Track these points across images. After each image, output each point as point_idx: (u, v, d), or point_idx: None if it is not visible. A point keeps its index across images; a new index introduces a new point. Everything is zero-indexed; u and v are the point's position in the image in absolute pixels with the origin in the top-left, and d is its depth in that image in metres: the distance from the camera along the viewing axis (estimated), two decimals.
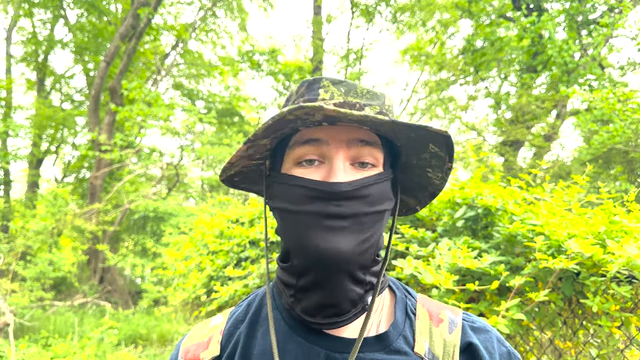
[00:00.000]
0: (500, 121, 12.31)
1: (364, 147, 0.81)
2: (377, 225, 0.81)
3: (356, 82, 0.83)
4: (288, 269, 0.86)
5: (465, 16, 12.82)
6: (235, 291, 3.22)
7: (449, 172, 0.87)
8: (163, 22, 16.34)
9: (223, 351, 0.90)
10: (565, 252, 1.94)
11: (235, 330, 0.92)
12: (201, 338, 0.94)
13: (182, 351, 0.94)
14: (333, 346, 0.82)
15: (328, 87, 0.81)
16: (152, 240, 13.05)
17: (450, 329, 0.83)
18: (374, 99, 0.82)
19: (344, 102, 0.80)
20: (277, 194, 0.86)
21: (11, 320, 7.56)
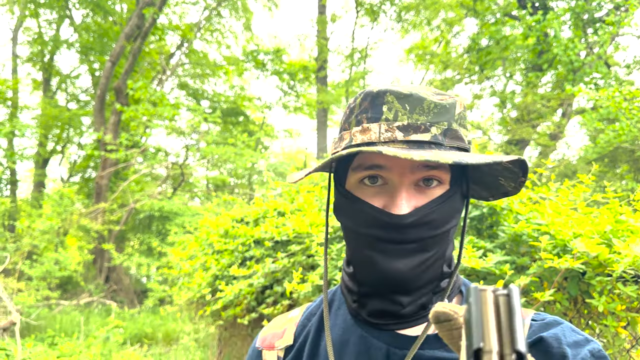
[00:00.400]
0: (506, 120, 12.27)
1: (428, 171, 0.80)
2: (443, 242, 0.82)
3: (423, 95, 0.79)
4: (351, 275, 0.89)
5: (470, 15, 12.78)
6: (240, 290, 3.23)
7: (522, 184, 0.86)
8: (168, 22, 16.39)
9: (295, 341, 0.95)
10: (571, 252, 1.93)
11: (308, 322, 0.97)
12: (278, 328, 1.00)
13: (259, 339, 1.01)
14: (394, 342, 0.84)
15: (392, 104, 0.78)
16: (158, 239, 13.08)
17: None
18: (442, 113, 0.78)
19: (409, 124, 0.76)
20: (343, 209, 0.87)
21: (17, 319, 7.60)
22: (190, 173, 16.63)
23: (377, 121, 0.78)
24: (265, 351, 0.98)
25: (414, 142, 0.76)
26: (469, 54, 12.98)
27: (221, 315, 3.72)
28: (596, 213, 2.34)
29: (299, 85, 18.61)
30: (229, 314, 3.51)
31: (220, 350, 4.59)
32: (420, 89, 0.80)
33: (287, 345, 0.95)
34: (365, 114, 0.80)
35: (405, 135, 0.76)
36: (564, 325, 0.81)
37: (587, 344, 0.76)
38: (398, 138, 0.76)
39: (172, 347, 7.94)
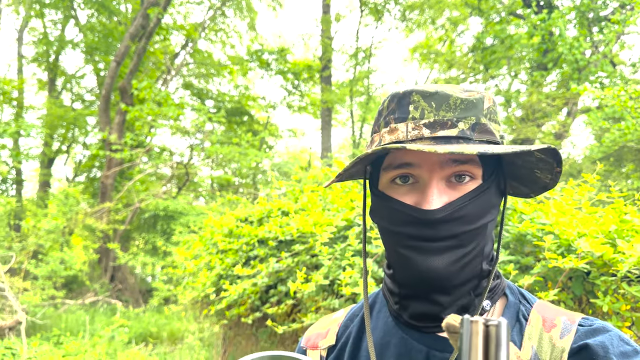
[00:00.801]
0: (511, 119, 12.24)
1: (458, 166, 0.79)
2: (480, 237, 0.81)
3: (449, 91, 0.79)
4: (391, 277, 0.90)
5: (475, 14, 12.76)
6: (244, 290, 3.23)
7: (558, 174, 0.84)
8: (173, 22, 16.42)
9: (338, 341, 0.97)
10: (575, 252, 1.92)
11: (351, 323, 0.99)
12: (322, 329, 1.02)
13: (304, 339, 1.03)
14: (434, 344, 0.83)
15: (418, 103, 0.78)
16: (163, 239, 13.12)
17: (562, 334, 0.79)
18: (470, 108, 0.78)
19: (435, 121, 0.77)
20: (377, 210, 0.88)
21: (23, 318, 7.63)
22: (195, 172, 16.66)
23: (404, 121, 0.79)
24: (309, 350, 1.00)
25: (441, 138, 0.76)
26: (473, 53, 12.95)
27: (225, 315, 3.73)
28: (601, 213, 2.33)
29: (303, 85, 18.61)
30: (233, 314, 3.52)
31: (224, 349, 4.60)
32: (447, 87, 0.80)
33: (330, 345, 0.97)
34: (392, 115, 0.81)
35: (432, 132, 0.77)
36: (612, 332, 0.77)
37: (635, 356, 0.73)
38: (425, 135, 0.77)
39: (177, 346, 7.96)
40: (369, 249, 2.50)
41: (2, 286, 8.16)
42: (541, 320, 0.82)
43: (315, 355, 0.98)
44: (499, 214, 0.88)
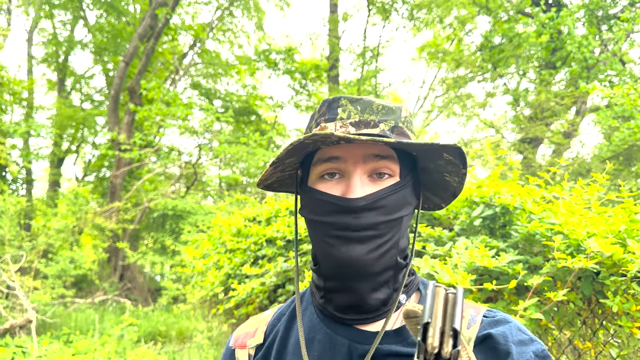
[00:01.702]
0: (519, 118, 12.19)
1: (379, 161, 0.89)
2: (395, 229, 0.89)
3: (373, 99, 0.90)
4: (317, 272, 0.96)
5: (483, 12, 12.70)
6: (252, 289, 3.24)
7: (464, 177, 0.95)
8: (181, 22, 16.48)
9: (265, 340, 1.02)
10: (585, 252, 1.92)
11: (278, 322, 1.04)
12: (250, 328, 1.07)
13: (233, 338, 1.08)
14: (356, 337, 0.90)
15: (346, 106, 0.88)
16: (171, 238, 13.17)
17: (469, 325, 0.88)
18: (390, 113, 0.89)
19: (360, 120, 0.87)
20: (306, 205, 0.96)
21: (33, 317, 7.69)
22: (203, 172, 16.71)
23: (333, 121, 0.89)
24: (237, 350, 1.04)
25: (364, 135, 0.85)
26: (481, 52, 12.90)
27: (234, 314, 3.74)
28: (610, 212, 2.32)
29: (311, 84, 18.61)
30: (241, 313, 3.53)
31: None
32: (371, 96, 0.92)
33: (258, 344, 1.02)
34: (323, 116, 0.91)
35: (357, 130, 0.86)
36: (511, 324, 0.87)
37: (531, 344, 0.83)
38: (351, 132, 0.86)
39: (186, 345, 8.00)
40: None
41: (13, 285, 8.23)
42: None
43: (243, 354, 1.02)
44: (413, 218, 0.97)
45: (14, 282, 8.26)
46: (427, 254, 2.26)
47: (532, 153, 11.36)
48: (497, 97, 14.13)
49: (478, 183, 2.61)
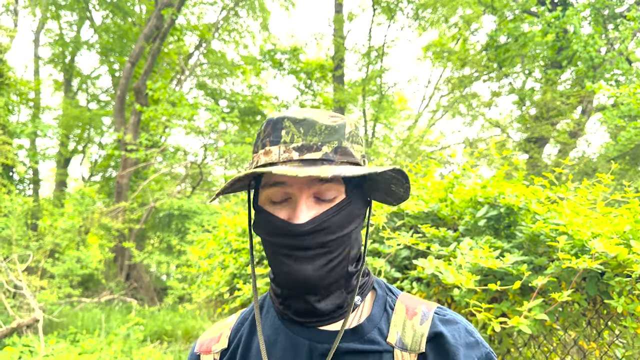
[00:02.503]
0: (525, 118, 12.15)
1: (323, 184, 0.91)
2: (345, 244, 0.93)
3: (316, 120, 0.90)
4: (274, 281, 1.01)
5: (489, 12, 12.67)
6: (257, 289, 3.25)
7: (408, 189, 0.99)
8: (186, 23, 16.52)
9: (230, 344, 1.06)
10: (589, 252, 1.92)
11: (241, 326, 1.08)
12: (215, 333, 1.10)
13: (198, 344, 1.11)
14: (316, 337, 0.95)
15: (289, 128, 0.89)
16: (177, 237, 13.21)
17: (421, 320, 0.94)
18: (333, 133, 0.89)
19: (303, 145, 0.88)
20: (258, 222, 0.98)
21: (40, 316, 7.74)
22: (209, 172, 16.75)
23: (277, 144, 0.90)
24: (202, 355, 1.07)
25: (307, 161, 0.87)
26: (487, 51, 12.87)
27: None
28: (615, 213, 2.32)
29: (316, 84, 18.62)
30: None
31: None
32: (315, 113, 0.92)
33: (223, 349, 1.05)
34: (268, 138, 0.92)
35: (300, 155, 0.87)
36: (460, 325, 0.94)
37: (477, 348, 0.91)
38: (294, 158, 0.87)
39: (192, 344, 8.01)
40: (382, 249, 2.51)
41: (20, 284, 8.28)
42: (404, 309, 0.98)
43: (208, 359, 1.06)
44: (364, 219, 1.00)
45: (21, 282, 8.32)
46: (432, 255, 2.26)
47: (538, 153, 11.32)
48: (502, 97, 14.08)
49: (483, 183, 2.61)
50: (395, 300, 1.01)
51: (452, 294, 2.06)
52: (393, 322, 0.95)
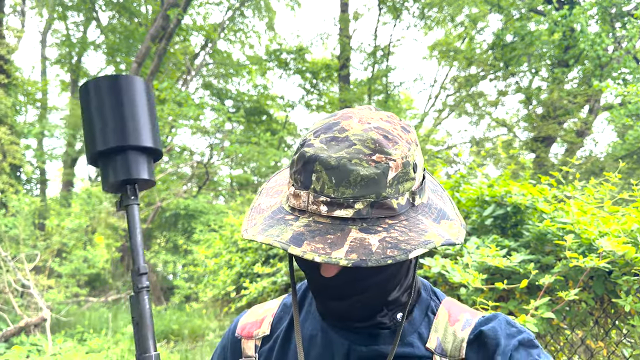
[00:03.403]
0: (531, 117, 12.11)
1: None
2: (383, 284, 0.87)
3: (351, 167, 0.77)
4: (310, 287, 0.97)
5: (495, 10, 12.63)
6: (263, 288, 3.26)
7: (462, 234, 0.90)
8: (192, 23, 16.55)
9: (272, 332, 1.03)
10: (597, 251, 1.91)
11: (284, 314, 1.05)
12: (256, 317, 1.08)
13: (239, 327, 1.08)
14: (355, 339, 0.92)
15: (321, 174, 0.78)
16: (183, 237, 13.25)
17: (463, 327, 0.91)
18: (370, 185, 0.77)
19: (332, 200, 0.77)
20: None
21: (48, 315, 7.78)
22: (215, 172, 16.79)
23: (307, 189, 0.80)
24: (244, 340, 1.05)
25: (335, 219, 0.77)
26: (493, 50, 12.84)
27: None
28: (623, 211, 2.31)
29: (322, 84, 18.61)
30: None
31: None
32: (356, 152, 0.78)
33: (265, 335, 1.03)
34: (299, 175, 0.81)
35: (329, 211, 0.77)
36: (500, 318, 0.91)
37: (518, 335, 0.87)
38: (322, 212, 0.78)
39: (198, 343, 8.05)
40: None
41: (28, 284, 8.33)
42: (447, 315, 0.94)
43: (250, 344, 1.04)
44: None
45: (28, 281, 8.36)
46: (438, 254, 2.26)
47: (545, 152, 11.28)
48: (509, 96, 14.05)
49: (489, 182, 2.60)
50: (439, 305, 0.96)
51: (458, 292, 2.06)
52: (434, 327, 0.92)
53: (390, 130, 0.82)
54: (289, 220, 0.80)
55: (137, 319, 0.88)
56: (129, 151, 0.94)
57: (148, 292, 0.90)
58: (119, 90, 0.94)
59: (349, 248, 0.73)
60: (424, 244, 0.76)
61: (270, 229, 0.80)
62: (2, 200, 10.69)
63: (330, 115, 0.87)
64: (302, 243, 0.74)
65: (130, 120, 0.94)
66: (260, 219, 0.86)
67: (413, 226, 0.79)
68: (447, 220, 0.86)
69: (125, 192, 0.96)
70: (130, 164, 0.94)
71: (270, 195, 0.94)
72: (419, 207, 0.84)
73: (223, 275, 4.00)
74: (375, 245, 0.74)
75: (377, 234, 0.76)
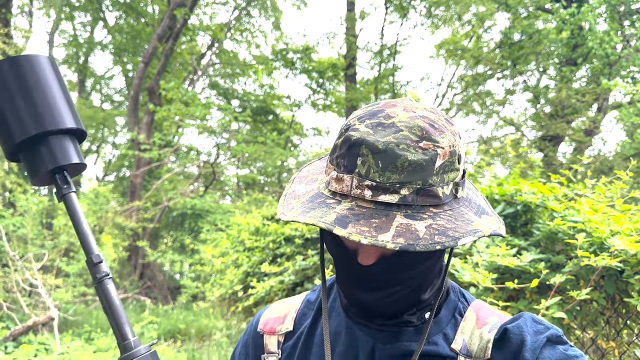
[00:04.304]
0: (539, 116, 12.05)
1: None
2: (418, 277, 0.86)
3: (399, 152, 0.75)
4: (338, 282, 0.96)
5: (502, 9, 12.58)
6: (270, 287, 3.25)
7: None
8: (199, 23, 16.59)
9: (296, 327, 1.03)
10: (608, 250, 1.89)
11: (308, 310, 1.04)
12: (279, 313, 1.07)
13: (261, 322, 1.07)
14: (380, 337, 0.91)
15: (367, 158, 0.76)
16: (190, 237, 13.28)
17: (490, 330, 0.88)
18: (417, 171, 0.75)
19: (378, 185, 0.75)
20: (325, 238, 0.91)
21: (55, 314, 7.80)
22: (221, 171, 16.82)
23: (350, 173, 0.78)
24: (266, 335, 1.04)
25: (380, 204, 0.76)
26: (501, 49, 12.78)
27: (253, 312, 3.76)
28: (634, 210, 2.28)
29: (328, 83, 18.61)
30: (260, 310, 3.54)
31: None
32: (403, 137, 0.77)
33: (288, 331, 1.02)
34: (343, 159, 0.80)
35: (374, 196, 0.76)
36: (526, 316, 0.88)
37: (547, 331, 0.84)
38: (366, 197, 0.76)
39: (205, 343, 8.05)
40: None
41: (36, 283, 8.36)
42: (475, 318, 0.91)
43: (273, 340, 1.03)
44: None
45: (36, 280, 8.40)
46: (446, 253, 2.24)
47: (553, 151, 11.22)
48: (516, 95, 13.99)
49: (499, 181, 2.58)
50: (467, 308, 0.94)
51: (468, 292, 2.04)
52: (460, 329, 0.90)
53: (436, 120, 0.81)
54: (331, 204, 0.78)
55: (107, 308, 0.83)
56: (50, 137, 0.85)
57: (110, 278, 0.84)
58: (24, 73, 0.85)
59: (395, 232, 0.71)
60: (473, 232, 0.75)
61: (312, 211, 0.78)
62: (10, 200, 10.75)
63: (372, 104, 0.86)
64: (347, 225, 0.73)
65: (44, 103, 0.85)
66: (298, 203, 0.85)
67: (458, 216, 0.78)
68: (486, 215, 0.85)
69: (56, 182, 0.88)
70: (54, 150, 0.86)
71: (305, 183, 0.93)
72: (460, 200, 0.82)
73: (230, 275, 4.00)
74: (422, 231, 0.72)
75: (422, 221, 0.74)
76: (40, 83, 0.86)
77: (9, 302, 8.40)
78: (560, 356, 0.81)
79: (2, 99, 0.84)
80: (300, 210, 0.81)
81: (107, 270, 0.84)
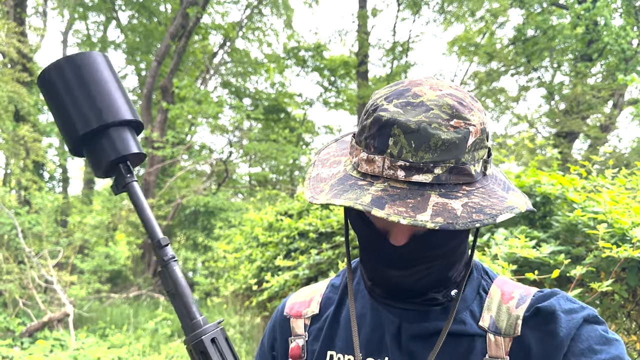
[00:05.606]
0: (554, 112, 11.94)
1: None
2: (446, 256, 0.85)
3: (431, 132, 0.75)
4: (363, 263, 0.96)
5: (516, 5, 12.47)
6: (285, 281, 3.25)
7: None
8: (211, 22, 16.64)
9: (322, 311, 1.04)
10: (630, 241, 1.85)
11: (332, 294, 1.06)
12: (304, 297, 1.09)
13: (287, 306, 1.10)
14: (406, 316, 0.91)
15: (399, 138, 0.75)
16: (203, 234, 13.33)
17: (518, 304, 0.87)
18: (451, 150, 0.75)
19: (411, 165, 0.75)
20: (351, 215, 0.91)
21: (71, 311, 7.88)
22: (234, 169, 16.86)
23: (382, 153, 0.77)
24: (293, 319, 1.07)
25: (413, 184, 0.75)
26: (514, 45, 12.68)
27: (267, 307, 3.76)
28: None
29: (340, 81, 18.58)
30: (274, 305, 3.54)
31: None
32: (435, 115, 0.76)
33: (314, 314, 1.04)
34: (373, 140, 0.79)
35: (407, 176, 0.75)
36: (559, 295, 0.87)
37: (582, 311, 0.83)
38: (399, 177, 0.76)
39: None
40: None
41: (51, 279, 8.44)
42: (500, 293, 0.91)
43: (299, 323, 1.05)
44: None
45: (51, 277, 8.48)
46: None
47: (568, 147, 11.11)
48: (531, 91, 13.87)
49: (517, 173, 2.55)
50: (491, 284, 0.94)
51: None
52: (486, 305, 0.89)
53: (463, 98, 0.80)
54: (364, 186, 0.78)
55: (173, 289, 0.85)
56: (112, 129, 0.90)
57: (175, 260, 0.86)
58: (81, 70, 0.89)
59: (432, 212, 0.72)
60: (510, 209, 0.75)
61: (345, 193, 0.77)
62: (26, 197, 10.86)
63: (395, 83, 0.85)
64: (384, 206, 0.72)
65: (104, 97, 0.89)
66: (327, 187, 0.84)
67: (492, 193, 0.78)
68: (513, 191, 0.84)
69: (120, 172, 0.91)
70: (116, 141, 0.90)
71: (328, 166, 0.92)
72: (489, 177, 0.83)
73: (244, 270, 4.00)
74: (459, 210, 0.73)
75: (458, 199, 0.74)
76: (97, 78, 0.90)
77: (25, 298, 8.49)
78: (599, 337, 0.80)
79: (63, 96, 0.89)
80: (332, 193, 0.80)
81: (172, 253, 0.87)
